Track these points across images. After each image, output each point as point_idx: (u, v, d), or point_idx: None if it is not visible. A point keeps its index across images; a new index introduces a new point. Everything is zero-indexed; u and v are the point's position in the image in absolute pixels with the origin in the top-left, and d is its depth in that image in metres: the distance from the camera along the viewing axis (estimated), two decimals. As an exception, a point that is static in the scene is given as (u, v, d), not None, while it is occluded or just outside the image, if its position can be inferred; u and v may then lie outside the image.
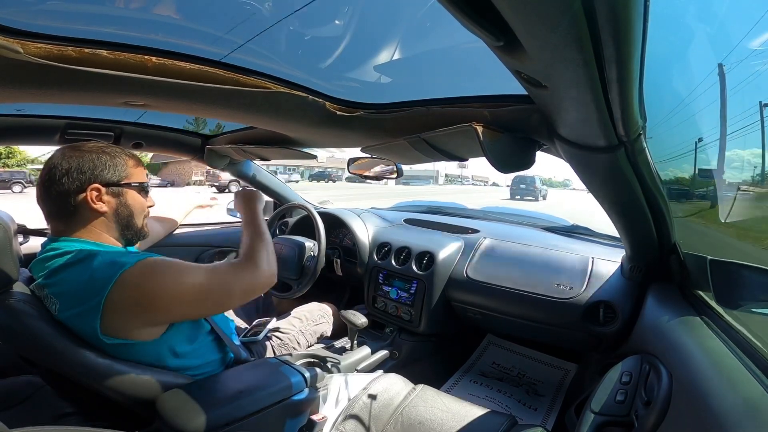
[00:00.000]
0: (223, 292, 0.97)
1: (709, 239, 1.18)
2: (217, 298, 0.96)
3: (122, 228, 0.99)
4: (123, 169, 0.97)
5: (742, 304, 0.81)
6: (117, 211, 0.97)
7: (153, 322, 0.91)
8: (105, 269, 0.84)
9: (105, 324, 0.84)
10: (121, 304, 0.84)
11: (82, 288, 0.84)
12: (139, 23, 0.72)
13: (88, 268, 0.85)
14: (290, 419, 1.02)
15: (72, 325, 0.86)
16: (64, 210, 0.92)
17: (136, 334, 0.89)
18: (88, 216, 0.94)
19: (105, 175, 0.94)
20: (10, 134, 1.37)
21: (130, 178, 0.99)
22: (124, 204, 0.98)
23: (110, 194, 0.95)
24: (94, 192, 0.92)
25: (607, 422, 0.83)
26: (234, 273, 1.00)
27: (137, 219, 1.02)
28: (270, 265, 1.08)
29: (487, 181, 74.65)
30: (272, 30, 0.76)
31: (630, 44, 0.41)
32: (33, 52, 0.67)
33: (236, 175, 2.06)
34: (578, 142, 0.72)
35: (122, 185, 0.97)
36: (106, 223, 0.96)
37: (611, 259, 1.44)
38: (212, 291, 0.95)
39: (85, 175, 0.91)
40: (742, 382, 0.62)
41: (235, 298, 1.00)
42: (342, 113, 1.03)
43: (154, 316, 0.89)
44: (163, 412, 0.87)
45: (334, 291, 2.33)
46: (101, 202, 0.94)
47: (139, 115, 1.44)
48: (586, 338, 1.37)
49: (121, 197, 0.97)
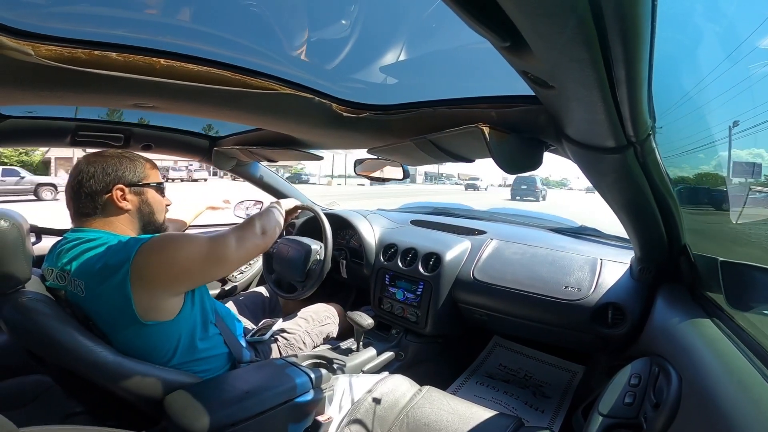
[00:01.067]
0: (228, 250, 1.05)
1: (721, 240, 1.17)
2: (223, 256, 1.04)
3: (144, 224, 1.09)
4: (142, 171, 1.08)
5: (754, 306, 0.80)
6: (140, 208, 1.08)
7: (174, 289, 0.98)
8: (126, 244, 0.93)
9: (136, 294, 0.90)
10: (147, 269, 0.90)
11: (108, 262, 0.91)
12: (148, 25, 0.73)
13: (110, 245, 0.94)
14: (296, 420, 1.03)
15: (104, 302, 0.91)
16: (91, 208, 1.01)
17: (162, 306, 0.96)
18: (114, 213, 1.03)
19: (127, 176, 1.05)
20: (22, 136, 1.39)
21: (148, 178, 1.10)
22: (146, 201, 1.09)
23: (133, 193, 1.06)
24: (118, 191, 1.02)
25: (615, 425, 0.82)
26: (231, 233, 1.10)
27: (158, 215, 1.12)
28: (264, 233, 1.18)
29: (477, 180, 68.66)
30: (279, 32, 0.76)
31: (638, 44, 0.40)
32: (44, 54, 0.68)
33: (243, 177, 2.07)
34: (586, 142, 0.71)
35: (143, 185, 1.08)
36: (129, 219, 1.06)
37: (620, 260, 1.43)
38: (217, 249, 1.03)
39: (109, 176, 1.02)
40: (752, 384, 0.61)
41: (236, 256, 1.08)
42: (348, 114, 1.03)
43: (174, 281, 0.97)
44: (169, 411, 0.88)
45: (340, 292, 2.33)
46: (125, 200, 1.04)
47: (149, 117, 1.46)
48: (594, 340, 1.36)
49: (142, 195, 1.08)
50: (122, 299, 0.90)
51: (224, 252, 1.04)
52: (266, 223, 1.21)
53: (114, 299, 0.90)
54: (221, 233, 1.08)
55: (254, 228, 1.16)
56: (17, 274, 0.86)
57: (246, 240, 1.11)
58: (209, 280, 1.11)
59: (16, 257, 0.85)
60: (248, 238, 1.12)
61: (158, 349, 0.98)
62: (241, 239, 1.10)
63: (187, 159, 1.91)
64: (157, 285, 0.93)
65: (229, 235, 1.08)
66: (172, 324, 0.98)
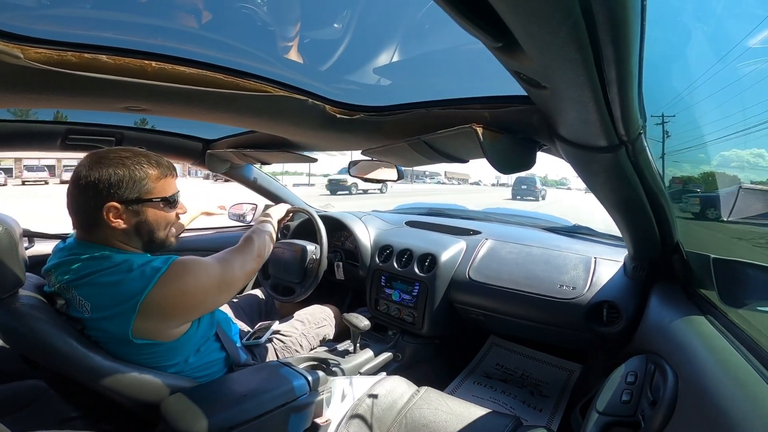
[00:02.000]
0: (235, 274, 1.05)
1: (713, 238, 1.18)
2: (231, 282, 1.03)
3: (144, 242, 0.98)
4: (144, 185, 0.93)
5: (747, 303, 0.81)
6: (137, 227, 0.95)
7: (187, 319, 0.97)
8: (142, 274, 0.88)
9: (137, 325, 0.87)
10: (160, 305, 0.88)
11: (119, 292, 0.87)
12: (139, 28, 0.72)
13: (123, 273, 0.88)
14: (293, 422, 1.02)
15: (102, 326, 0.89)
16: (86, 221, 0.92)
17: (165, 334, 0.94)
18: (108, 229, 0.92)
19: (122, 192, 0.91)
20: (11, 140, 1.37)
21: (151, 193, 0.95)
22: (144, 221, 0.95)
23: (129, 213, 0.93)
24: (111, 211, 0.90)
25: (612, 422, 0.82)
26: (235, 257, 1.09)
27: (159, 233, 0.99)
28: (260, 255, 1.18)
29: (467, 179, 62.65)
30: (271, 33, 0.76)
31: (628, 44, 0.41)
32: (33, 57, 0.67)
33: (237, 179, 2.06)
34: (579, 142, 0.72)
35: (142, 201, 0.94)
36: (126, 236, 0.95)
37: (614, 258, 1.44)
38: (227, 275, 1.02)
39: (101, 194, 0.89)
40: (747, 380, 0.62)
41: (241, 281, 1.08)
42: (342, 116, 1.03)
43: (190, 312, 0.95)
44: (167, 415, 0.87)
45: (336, 294, 2.32)
46: (120, 219, 0.91)
47: (140, 120, 1.45)
48: (590, 338, 1.37)
49: (141, 215, 0.95)
50: (123, 324, 0.87)
51: (232, 277, 1.03)
52: (261, 244, 1.20)
53: (116, 323, 0.88)
54: (226, 258, 1.06)
55: (253, 249, 1.15)
56: (11, 279, 0.85)
57: (247, 263, 1.11)
58: (218, 307, 1.09)
59: (9, 262, 0.84)
60: (249, 261, 1.11)
61: (154, 363, 0.96)
62: (243, 263, 1.09)
63: (181, 162, 1.89)
64: (171, 317, 0.92)
65: (234, 259, 1.06)
66: (172, 344, 0.97)
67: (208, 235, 2.17)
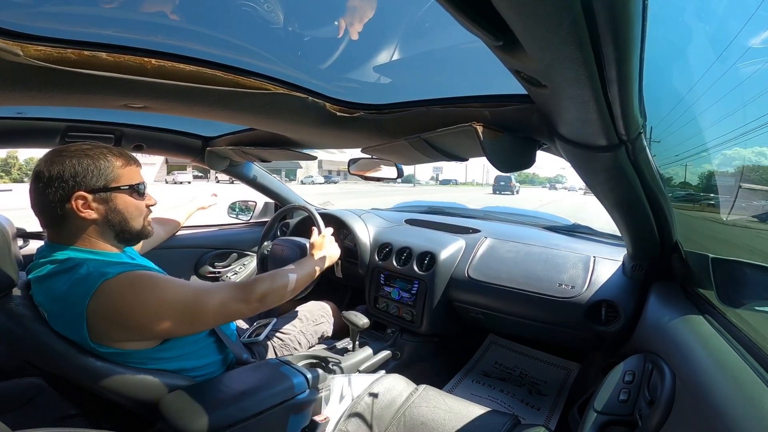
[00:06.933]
0: (205, 309, 0.93)
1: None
2: (197, 315, 0.93)
3: (117, 232, 0.95)
4: (109, 172, 0.91)
5: (745, 302, 0.81)
6: (107, 217, 0.92)
7: (135, 337, 0.88)
8: (87, 278, 0.82)
9: (93, 333, 0.83)
10: (102, 314, 0.82)
11: (66, 297, 0.83)
12: (139, 25, 0.72)
13: (72, 276, 0.83)
14: (292, 420, 1.02)
15: (64, 333, 0.85)
16: (53, 219, 0.88)
17: (126, 345, 0.88)
18: (78, 224, 0.89)
19: (89, 181, 0.88)
20: (10, 137, 1.37)
21: (118, 180, 0.92)
22: (114, 209, 0.92)
23: (98, 201, 0.90)
24: (79, 201, 0.87)
25: (610, 421, 0.82)
26: (221, 291, 0.98)
27: (132, 222, 0.96)
28: (263, 301, 1.04)
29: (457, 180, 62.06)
30: (271, 31, 0.76)
31: (629, 43, 0.41)
32: (33, 54, 0.67)
33: (236, 177, 2.06)
34: (579, 141, 0.72)
35: (110, 189, 0.91)
36: (98, 230, 0.92)
37: (613, 258, 1.44)
38: (193, 308, 0.91)
39: (68, 183, 0.86)
40: (745, 380, 0.62)
41: (213, 316, 0.96)
42: (342, 114, 1.03)
43: (133, 331, 0.86)
44: (166, 413, 0.87)
45: (335, 292, 2.33)
46: (89, 209, 0.89)
47: (140, 117, 1.45)
48: (589, 337, 1.37)
49: (110, 202, 0.91)
50: (80, 338, 0.84)
51: (202, 310, 0.93)
52: (269, 289, 1.06)
53: (72, 336, 0.85)
54: (207, 289, 0.96)
55: (254, 290, 1.03)
56: (4, 279, 0.84)
57: (231, 303, 0.98)
58: (178, 336, 0.96)
59: (2, 262, 0.83)
60: (235, 302, 0.99)
61: (150, 365, 0.93)
62: (227, 300, 0.97)
63: (180, 159, 1.89)
64: (115, 332, 0.85)
65: (218, 293, 0.96)
66: (161, 347, 0.94)
67: (208, 232, 2.17)
